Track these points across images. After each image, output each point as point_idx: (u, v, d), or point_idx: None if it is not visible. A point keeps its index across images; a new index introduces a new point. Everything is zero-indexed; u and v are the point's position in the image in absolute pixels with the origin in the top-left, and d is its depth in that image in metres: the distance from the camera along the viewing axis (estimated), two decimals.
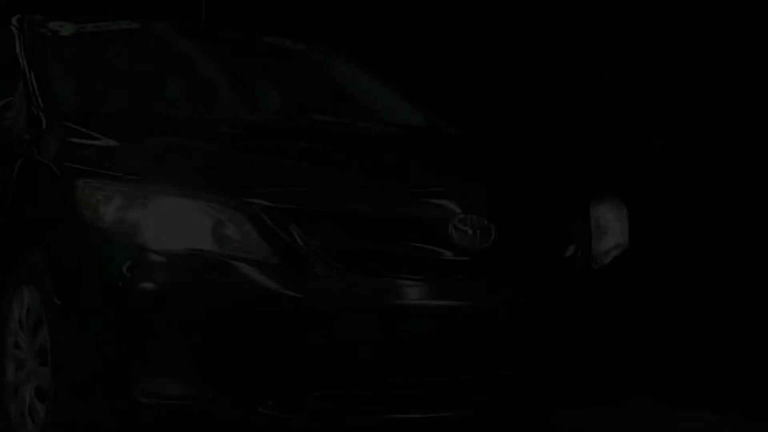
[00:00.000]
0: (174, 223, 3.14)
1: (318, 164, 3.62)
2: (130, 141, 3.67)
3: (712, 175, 4.69)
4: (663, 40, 4.90)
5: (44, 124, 3.85)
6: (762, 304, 4.48)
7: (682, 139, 4.82)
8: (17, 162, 3.85)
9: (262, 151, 3.70)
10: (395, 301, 3.14)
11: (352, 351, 3.12)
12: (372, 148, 3.96)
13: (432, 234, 3.22)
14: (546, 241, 3.48)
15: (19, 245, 3.66)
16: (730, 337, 4.61)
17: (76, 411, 3.26)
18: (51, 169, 3.57)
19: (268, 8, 7.60)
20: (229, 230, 3.14)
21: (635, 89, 5.02)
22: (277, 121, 4.24)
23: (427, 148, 4.14)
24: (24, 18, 4.59)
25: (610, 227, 3.69)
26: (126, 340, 3.09)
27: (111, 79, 4.46)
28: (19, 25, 4.52)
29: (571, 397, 3.46)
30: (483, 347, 3.24)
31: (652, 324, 4.03)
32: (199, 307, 3.07)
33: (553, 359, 3.37)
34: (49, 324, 3.34)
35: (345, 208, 3.22)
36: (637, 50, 5.01)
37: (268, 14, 7.62)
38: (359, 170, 3.61)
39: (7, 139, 3.98)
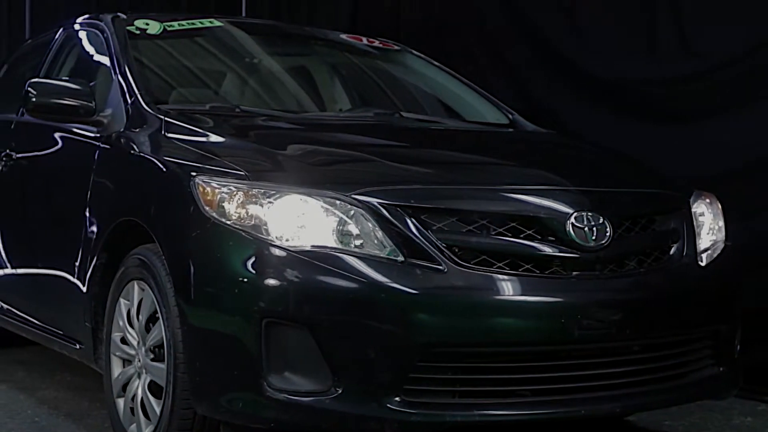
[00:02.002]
0: (298, 221, 3.17)
1: (430, 162, 3.66)
2: (238, 138, 3.70)
3: None
4: None
5: (143, 121, 3.87)
6: None
7: None
8: (117, 158, 3.87)
9: (372, 149, 3.73)
10: (515, 298, 3.17)
11: (476, 347, 3.15)
12: (473, 146, 4.01)
13: (549, 231, 3.26)
14: (655, 239, 3.52)
15: (127, 241, 3.69)
16: None
17: (199, 406, 3.28)
18: (157, 166, 3.59)
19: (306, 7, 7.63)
20: (351, 227, 3.17)
21: None
22: (371, 119, 4.26)
23: (527, 146, 4.18)
24: (108, 16, 4.63)
25: (709, 224, 3.74)
26: (253, 336, 3.11)
27: (199, 77, 4.49)
28: (103, 23, 4.54)
29: (683, 395, 3.50)
30: (602, 345, 3.27)
31: None
32: (324, 303, 3.10)
33: (669, 356, 3.41)
34: (168, 320, 3.36)
35: (465, 206, 3.25)
36: None
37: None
38: (472, 168, 3.65)
39: (103, 135, 4.00)
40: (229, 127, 3.78)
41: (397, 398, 3.09)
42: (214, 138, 3.66)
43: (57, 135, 4.37)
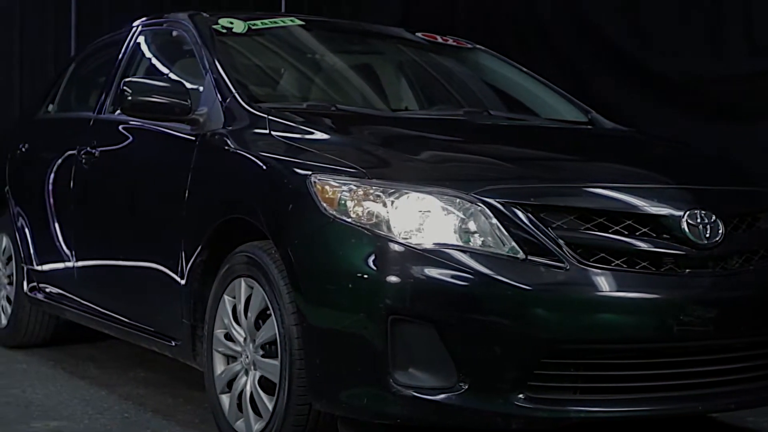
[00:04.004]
0: (420, 218, 3.20)
1: (537, 159, 3.70)
2: (345, 136, 3.72)
3: None
4: None
5: (244, 120, 3.88)
6: None
7: None
8: (218, 157, 3.87)
9: (479, 147, 3.76)
10: (636, 295, 3.20)
11: (598, 344, 3.19)
12: (571, 144, 4.03)
13: (664, 229, 3.29)
14: (760, 236, 3.56)
15: (230, 239, 3.71)
16: None
17: (317, 402, 3.31)
18: (268, 165, 3.59)
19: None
20: (472, 225, 3.20)
21: None
22: (462, 116, 4.28)
23: (621, 144, 4.21)
24: (185, 15, 4.65)
25: None
26: (378, 332, 3.14)
27: (288, 75, 4.52)
28: (184, 21, 4.56)
29: None
30: (716, 342, 3.31)
31: None
32: (450, 301, 3.13)
33: None
34: (281, 317, 3.39)
35: (583, 203, 3.28)
36: None
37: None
38: (580, 165, 3.68)
39: (199, 134, 4.01)
40: (333, 126, 3.80)
41: (521, 395, 3.12)
42: (321, 136, 3.68)
43: (146, 133, 4.38)
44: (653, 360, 3.23)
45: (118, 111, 4.78)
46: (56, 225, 5.08)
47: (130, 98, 4.01)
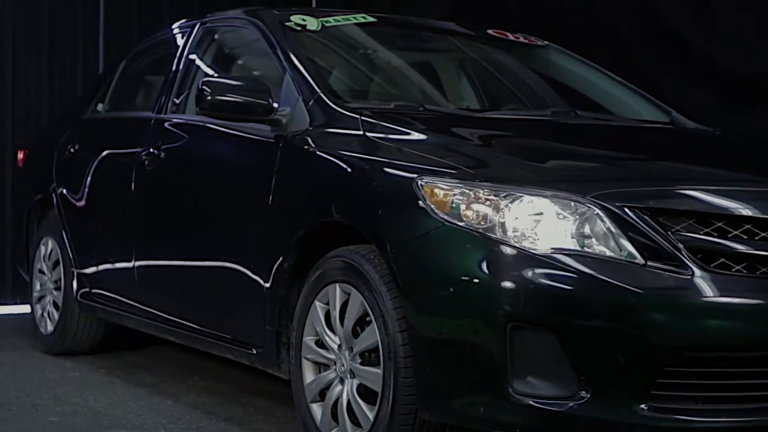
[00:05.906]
0: (535, 222, 3.09)
1: (643, 160, 3.60)
2: (445, 137, 3.61)
3: None
4: None
5: (333, 120, 3.77)
6: None
7: None
8: (308, 160, 3.74)
9: (580, 149, 3.65)
10: (759, 301, 3.09)
11: (722, 352, 3.08)
12: (670, 145, 3.93)
13: None
14: None
15: (321, 243, 3.60)
16: None
17: (427, 411, 3.20)
18: (368, 168, 3.47)
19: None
20: (588, 229, 3.09)
21: None
22: (551, 117, 4.16)
23: (720, 144, 4.10)
24: (247, 11, 4.55)
25: None
26: (496, 339, 3.02)
27: (367, 74, 4.41)
28: (254, 18, 4.44)
29: None
30: None
31: None
32: (570, 307, 3.02)
33: None
34: (384, 324, 3.28)
35: (702, 207, 3.17)
36: None
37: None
38: (688, 167, 3.56)
39: (282, 135, 3.88)
40: (427, 126, 3.68)
41: (644, 405, 3.02)
42: (418, 137, 3.58)
43: (218, 133, 4.23)
44: None
45: (175, 109, 4.68)
46: (114, 227, 4.95)
47: (209, 98, 3.88)
